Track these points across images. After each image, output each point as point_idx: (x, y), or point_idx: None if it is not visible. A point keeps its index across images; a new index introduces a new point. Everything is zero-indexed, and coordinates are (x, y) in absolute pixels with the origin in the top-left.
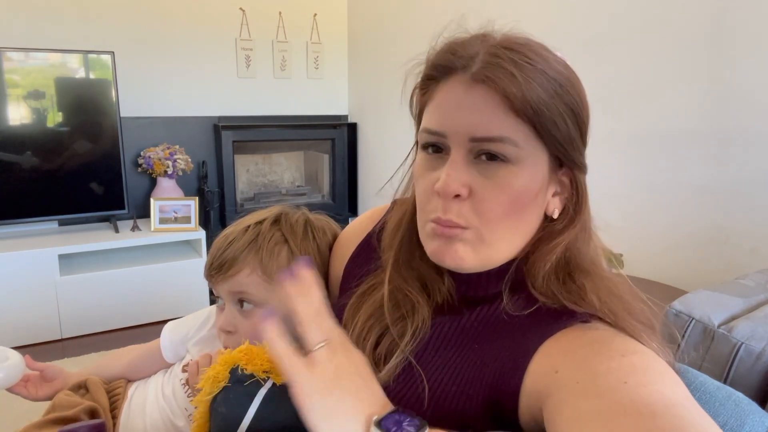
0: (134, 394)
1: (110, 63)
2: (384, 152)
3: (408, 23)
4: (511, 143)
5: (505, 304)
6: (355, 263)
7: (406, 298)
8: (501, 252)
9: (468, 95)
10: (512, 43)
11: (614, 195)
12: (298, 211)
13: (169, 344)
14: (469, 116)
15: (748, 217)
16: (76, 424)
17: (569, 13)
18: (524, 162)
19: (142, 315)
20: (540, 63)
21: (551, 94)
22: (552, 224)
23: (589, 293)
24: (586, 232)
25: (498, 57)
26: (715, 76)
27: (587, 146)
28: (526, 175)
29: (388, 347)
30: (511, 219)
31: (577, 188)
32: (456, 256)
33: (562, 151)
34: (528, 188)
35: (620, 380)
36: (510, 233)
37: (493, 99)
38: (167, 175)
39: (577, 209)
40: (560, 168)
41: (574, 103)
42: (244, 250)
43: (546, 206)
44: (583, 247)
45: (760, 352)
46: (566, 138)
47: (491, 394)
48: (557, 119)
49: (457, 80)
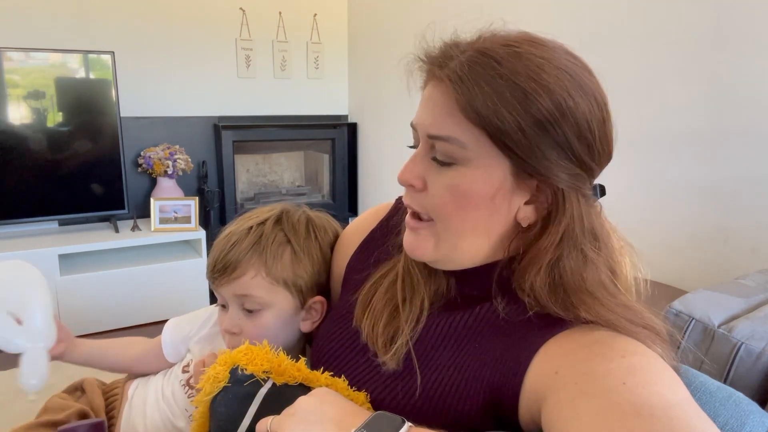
0: (134, 395)
1: (110, 63)
2: (384, 152)
3: (408, 23)
4: (457, 144)
5: (497, 308)
6: (358, 260)
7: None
8: (464, 251)
9: (433, 93)
10: (495, 46)
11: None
12: (299, 210)
13: (170, 342)
14: (429, 113)
15: (748, 217)
16: (76, 422)
17: (569, 13)
18: (472, 164)
19: (142, 315)
20: (508, 70)
21: (507, 102)
22: (525, 232)
23: (581, 311)
24: (577, 250)
25: (464, 61)
26: (715, 76)
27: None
28: (475, 176)
29: (395, 329)
30: (462, 219)
31: (556, 201)
32: (418, 247)
33: (520, 161)
34: (477, 190)
35: (619, 381)
36: (467, 233)
37: (447, 100)
38: (167, 175)
39: (549, 221)
40: (530, 177)
41: (545, 114)
42: (248, 252)
43: (516, 212)
44: (575, 266)
45: (760, 352)
46: (525, 148)
47: (491, 393)
48: (511, 128)
49: (434, 78)
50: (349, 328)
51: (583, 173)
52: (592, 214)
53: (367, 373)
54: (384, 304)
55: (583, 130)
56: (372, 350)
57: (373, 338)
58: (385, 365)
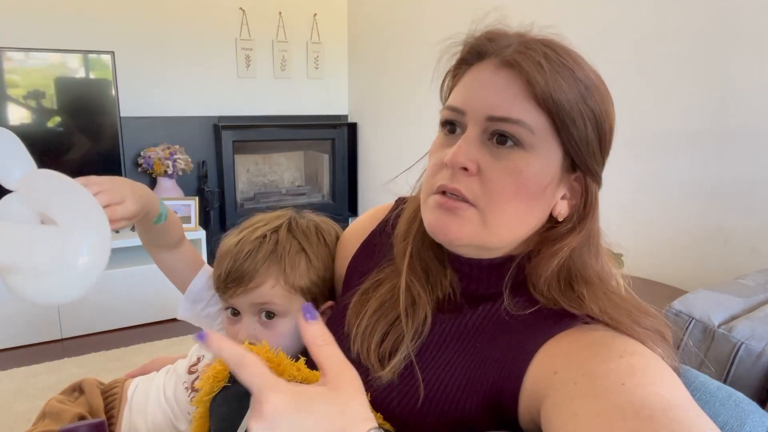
0: (134, 395)
1: (110, 63)
2: (384, 152)
3: (408, 23)
4: (526, 128)
5: (506, 304)
6: (357, 262)
7: (410, 292)
8: (500, 239)
9: (494, 77)
10: (548, 40)
11: (614, 195)
12: (306, 216)
13: (197, 293)
14: (491, 96)
15: (748, 217)
16: (76, 423)
17: (569, 13)
18: (536, 150)
19: (142, 315)
20: (570, 63)
21: (575, 93)
22: (555, 227)
23: (589, 302)
24: (593, 244)
25: (530, 48)
26: (715, 76)
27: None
28: (537, 163)
29: (393, 344)
30: (517, 205)
31: (587, 197)
32: (456, 228)
33: (576, 151)
34: (537, 178)
35: (618, 382)
36: (514, 220)
37: (517, 84)
38: (167, 175)
39: (583, 217)
40: (573, 172)
41: (598, 110)
42: (266, 261)
43: (553, 206)
44: (589, 259)
45: (760, 352)
46: (583, 139)
47: (492, 394)
48: (577, 118)
49: (487, 63)
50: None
51: (602, 170)
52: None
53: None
54: (376, 320)
55: (610, 131)
56: (365, 365)
57: (365, 356)
58: (380, 380)
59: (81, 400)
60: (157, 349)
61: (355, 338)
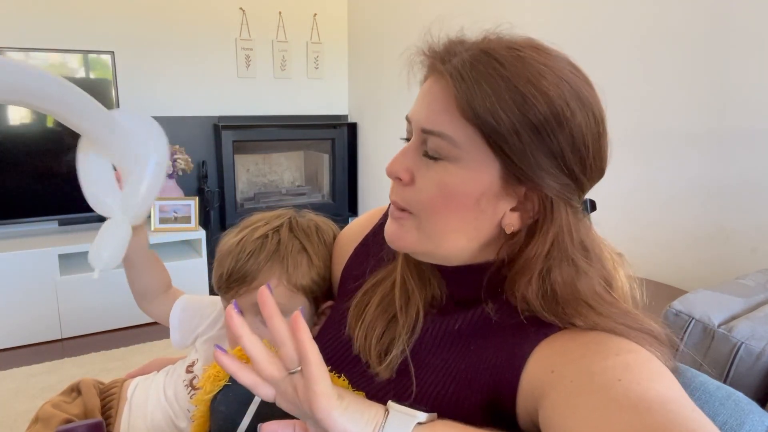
0: (134, 395)
1: (110, 63)
2: (384, 152)
3: (408, 23)
4: (448, 141)
5: (488, 311)
6: (352, 266)
7: (407, 290)
8: (446, 248)
9: (432, 88)
10: (495, 46)
11: (614, 195)
12: (305, 215)
13: (178, 324)
14: (425, 107)
15: (748, 217)
16: (74, 423)
17: (569, 13)
18: (463, 163)
19: (142, 315)
20: (510, 72)
21: (509, 107)
22: (510, 239)
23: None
24: (568, 262)
25: (468, 58)
26: (714, 76)
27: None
28: (464, 176)
29: (390, 340)
30: (448, 216)
31: (544, 211)
32: (400, 237)
33: (511, 164)
34: (464, 191)
35: (615, 378)
36: (448, 230)
37: (444, 96)
38: (167, 175)
39: (534, 231)
40: (519, 183)
41: (541, 120)
42: (269, 260)
43: (501, 218)
44: (567, 277)
45: (760, 352)
46: (519, 152)
47: (489, 395)
48: (507, 130)
49: (434, 74)
50: (341, 336)
51: (573, 185)
52: (581, 226)
53: (361, 382)
54: (377, 315)
55: (578, 142)
56: (364, 361)
57: (366, 350)
58: (378, 376)
59: (79, 401)
60: (157, 349)
61: (359, 334)
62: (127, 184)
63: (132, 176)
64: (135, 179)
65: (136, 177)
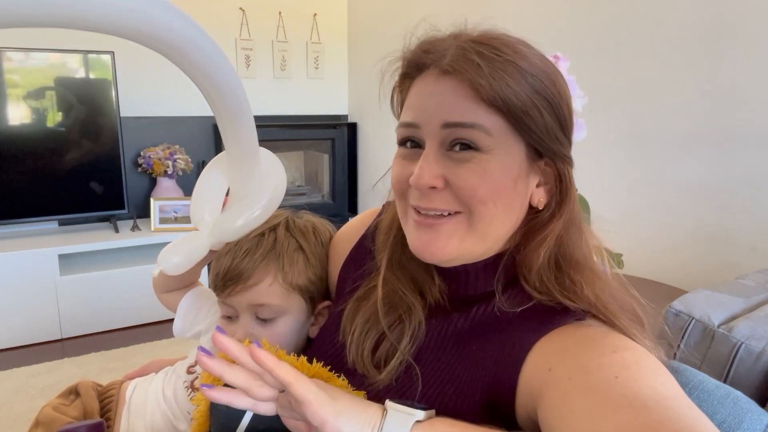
0: (133, 396)
1: (110, 63)
2: (384, 152)
3: (408, 23)
4: (483, 131)
5: (499, 302)
6: (349, 268)
7: (401, 300)
8: (488, 240)
9: (437, 86)
10: (484, 38)
11: (614, 195)
12: (302, 216)
13: (184, 312)
14: (441, 104)
15: (748, 217)
16: (75, 423)
17: (569, 13)
18: (496, 151)
19: (142, 315)
20: (510, 55)
21: (523, 85)
22: (537, 215)
23: (585, 289)
24: (576, 225)
25: (466, 50)
26: (714, 76)
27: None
28: (499, 163)
29: (388, 350)
30: (494, 204)
31: (561, 179)
32: (437, 246)
33: (538, 141)
34: (503, 176)
35: (611, 375)
36: (496, 220)
37: (463, 89)
38: (167, 174)
39: (562, 200)
40: (540, 158)
41: (551, 94)
42: (264, 259)
43: (530, 196)
44: (575, 240)
45: (760, 352)
46: (542, 129)
47: (488, 394)
48: (531, 110)
49: (428, 74)
50: (338, 341)
51: (570, 147)
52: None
53: (361, 386)
54: (368, 328)
55: (569, 112)
56: (360, 372)
57: (360, 364)
58: (377, 385)
59: (77, 403)
60: (157, 349)
61: (350, 347)
62: (229, 211)
63: (237, 206)
64: (236, 211)
65: (238, 209)
